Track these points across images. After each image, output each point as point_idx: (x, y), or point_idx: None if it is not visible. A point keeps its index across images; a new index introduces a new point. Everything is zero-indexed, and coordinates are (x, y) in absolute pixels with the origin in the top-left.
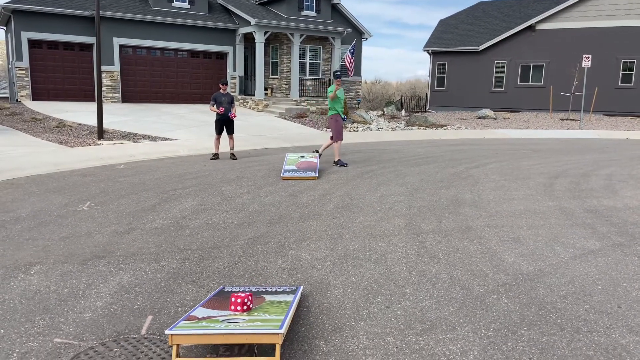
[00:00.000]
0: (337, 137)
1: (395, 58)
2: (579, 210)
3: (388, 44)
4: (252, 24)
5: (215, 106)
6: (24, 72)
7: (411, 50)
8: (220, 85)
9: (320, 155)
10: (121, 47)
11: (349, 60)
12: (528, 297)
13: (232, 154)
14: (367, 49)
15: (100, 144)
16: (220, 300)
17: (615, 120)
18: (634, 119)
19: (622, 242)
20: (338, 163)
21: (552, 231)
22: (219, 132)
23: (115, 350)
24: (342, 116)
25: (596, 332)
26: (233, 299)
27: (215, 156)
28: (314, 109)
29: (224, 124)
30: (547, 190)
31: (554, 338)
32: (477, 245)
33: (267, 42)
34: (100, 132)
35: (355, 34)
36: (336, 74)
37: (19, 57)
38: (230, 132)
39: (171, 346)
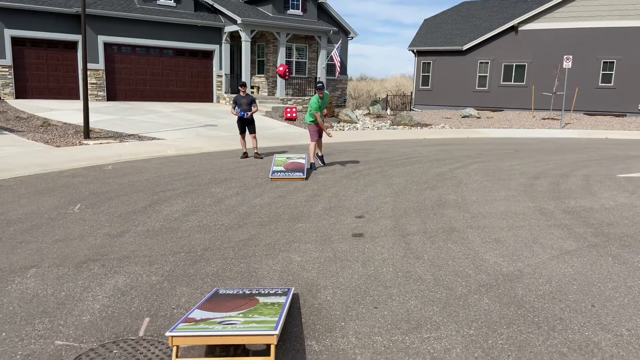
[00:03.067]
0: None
1: (386, 56)
2: (557, 211)
3: (381, 41)
4: (238, 22)
5: (235, 109)
6: (7, 69)
7: (403, 48)
8: (240, 88)
9: (318, 161)
10: (106, 45)
11: (337, 61)
12: (508, 297)
13: (257, 154)
14: (357, 46)
15: (86, 144)
16: (216, 302)
17: (595, 120)
18: (613, 118)
19: (598, 242)
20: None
21: (531, 232)
22: (242, 132)
23: (115, 351)
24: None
25: (571, 330)
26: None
27: (244, 155)
28: (300, 107)
29: (245, 123)
30: (527, 191)
31: (531, 336)
32: (460, 247)
33: (254, 41)
34: (87, 132)
35: (341, 33)
36: (318, 85)
37: (2, 55)
38: (252, 131)
39: (170, 347)
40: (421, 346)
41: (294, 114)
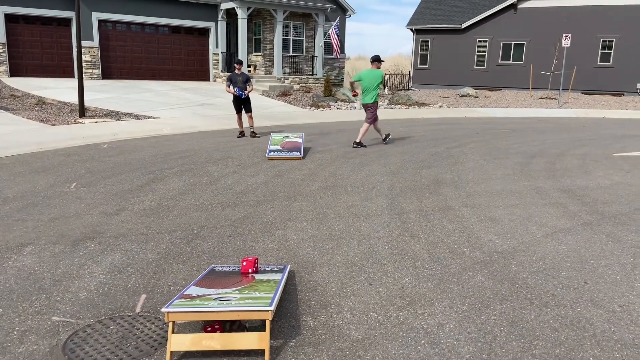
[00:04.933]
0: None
1: (385, 34)
2: (552, 190)
3: (378, 19)
4: None
5: (230, 87)
6: (1, 47)
7: (401, 26)
8: (235, 65)
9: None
10: (100, 22)
11: (335, 40)
12: (501, 274)
13: (253, 132)
14: (355, 25)
15: (82, 122)
16: (212, 279)
17: (593, 99)
18: (611, 97)
19: (592, 220)
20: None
21: (526, 210)
22: (238, 111)
23: (111, 327)
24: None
25: (563, 306)
26: (244, 263)
27: (241, 134)
28: (297, 86)
29: (241, 102)
30: (523, 170)
31: (523, 312)
32: (455, 225)
33: (250, 18)
34: (82, 110)
35: (339, 11)
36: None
37: None
38: (248, 110)
39: (166, 323)
40: (415, 322)
41: None
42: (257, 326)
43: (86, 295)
